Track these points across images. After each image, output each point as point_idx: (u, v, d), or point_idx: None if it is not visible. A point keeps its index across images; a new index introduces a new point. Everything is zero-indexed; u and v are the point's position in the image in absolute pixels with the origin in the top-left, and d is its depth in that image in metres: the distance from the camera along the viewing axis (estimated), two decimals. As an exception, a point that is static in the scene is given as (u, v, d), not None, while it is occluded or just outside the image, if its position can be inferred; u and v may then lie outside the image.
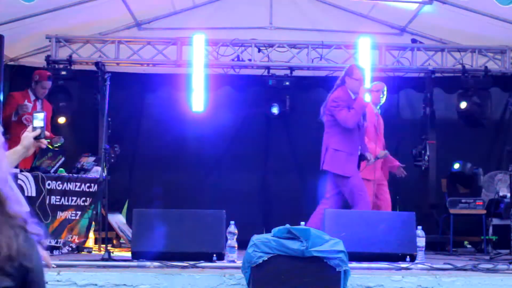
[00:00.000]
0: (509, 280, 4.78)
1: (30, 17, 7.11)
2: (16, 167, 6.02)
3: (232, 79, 8.58)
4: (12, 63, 8.08)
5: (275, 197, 8.64)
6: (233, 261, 5.21)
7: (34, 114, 2.92)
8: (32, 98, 7.07)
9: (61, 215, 6.31)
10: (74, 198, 6.44)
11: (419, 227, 5.70)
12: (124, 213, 8.27)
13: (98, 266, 5.02)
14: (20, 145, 2.87)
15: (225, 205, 6.09)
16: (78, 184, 6.50)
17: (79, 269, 4.83)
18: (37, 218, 2.79)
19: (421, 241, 5.63)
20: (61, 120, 7.84)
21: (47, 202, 6.08)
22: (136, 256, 5.31)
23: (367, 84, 6.59)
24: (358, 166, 6.15)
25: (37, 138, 2.84)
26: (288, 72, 8.15)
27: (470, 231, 7.70)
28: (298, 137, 8.65)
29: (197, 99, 7.70)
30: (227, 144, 8.51)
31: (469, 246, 8.10)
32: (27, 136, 2.84)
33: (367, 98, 6.04)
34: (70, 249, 6.38)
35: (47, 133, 2.95)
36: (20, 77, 7.83)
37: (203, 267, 5.01)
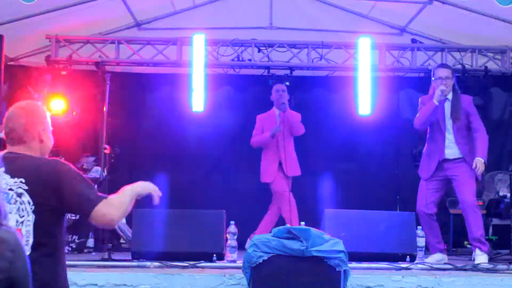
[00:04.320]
0: (509, 280, 4.79)
1: (30, 17, 7.10)
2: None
3: (232, 79, 8.57)
4: (12, 63, 8.07)
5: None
6: (233, 261, 5.22)
7: None
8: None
9: (61, 215, 6.31)
10: (74, 198, 6.44)
11: (419, 227, 5.71)
12: (124, 213, 8.26)
13: (98, 266, 5.02)
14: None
15: (225, 205, 6.08)
16: (78, 184, 6.49)
17: (79, 269, 4.83)
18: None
19: (421, 241, 5.64)
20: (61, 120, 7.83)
21: (47, 202, 6.07)
22: (136, 256, 5.31)
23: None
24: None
25: None
26: (288, 72, 8.14)
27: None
28: (298, 137, 8.64)
29: (197, 99, 7.68)
30: (227, 144, 8.51)
31: (469, 246, 8.06)
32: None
33: (436, 97, 5.85)
34: (70, 249, 6.38)
35: None
36: (20, 77, 7.82)
37: (203, 267, 5.01)
